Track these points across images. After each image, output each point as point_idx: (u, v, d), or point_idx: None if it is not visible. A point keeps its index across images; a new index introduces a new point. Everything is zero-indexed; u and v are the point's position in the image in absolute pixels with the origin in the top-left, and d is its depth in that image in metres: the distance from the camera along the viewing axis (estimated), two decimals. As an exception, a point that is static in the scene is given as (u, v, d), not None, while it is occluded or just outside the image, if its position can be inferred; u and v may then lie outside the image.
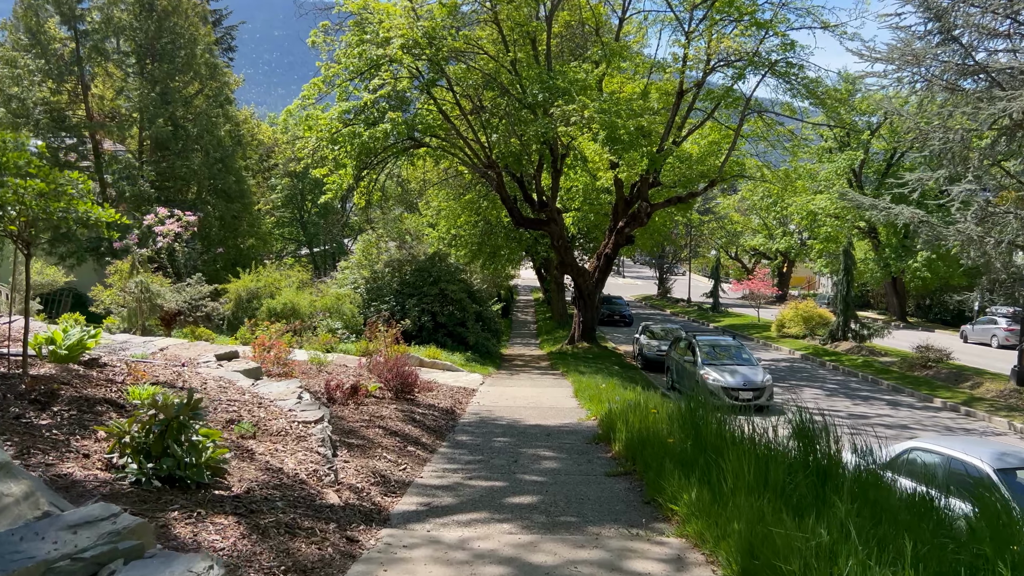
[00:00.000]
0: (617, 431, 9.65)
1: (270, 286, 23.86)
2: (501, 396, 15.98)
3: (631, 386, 22.26)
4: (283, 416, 7.88)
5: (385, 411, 10.93)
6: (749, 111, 28.79)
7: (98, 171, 27.85)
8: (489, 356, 26.07)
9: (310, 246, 57.34)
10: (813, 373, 29.51)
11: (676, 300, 60.79)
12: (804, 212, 48.85)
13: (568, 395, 16.45)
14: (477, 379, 19.09)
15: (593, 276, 30.54)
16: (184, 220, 24.31)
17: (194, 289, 14.87)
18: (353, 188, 28.52)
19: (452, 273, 26.68)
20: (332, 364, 17.66)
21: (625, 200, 31.05)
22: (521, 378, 20.93)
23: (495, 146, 28.70)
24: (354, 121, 26.62)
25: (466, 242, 37.38)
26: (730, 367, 22.61)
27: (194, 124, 27.64)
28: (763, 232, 61.09)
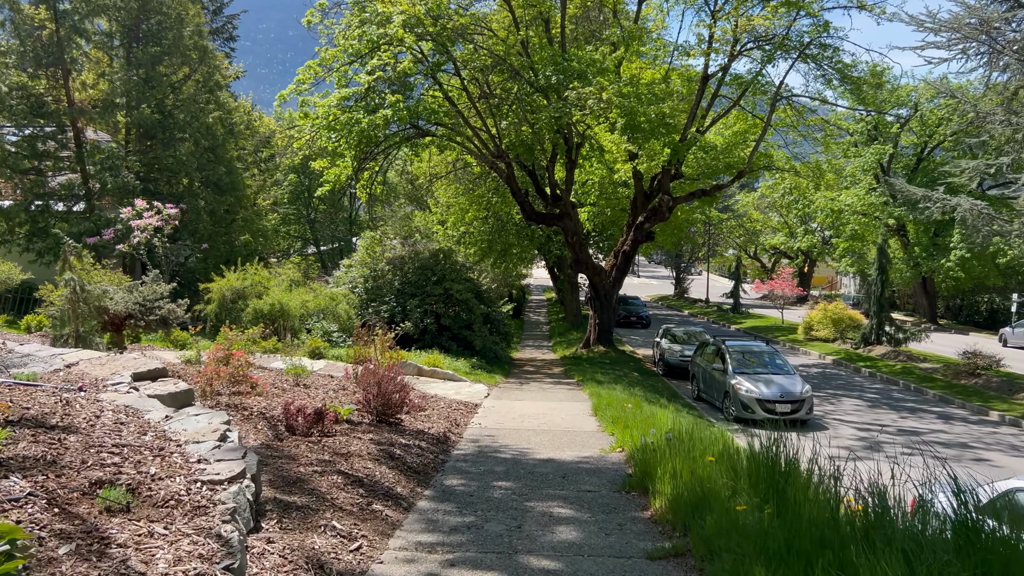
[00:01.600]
0: (657, 479, 7.11)
1: (257, 285, 21.43)
2: (507, 414, 13.45)
3: (655, 397, 19.70)
4: (184, 471, 5.39)
5: (356, 445, 8.43)
6: (780, 98, 26.15)
7: (80, 161, 25.53)
8: (497, 362, 23.55)
9: (317, 244, 55.07)
10: (849, 380, 26.81)
11: (694, 300, 58.02)
12: (829, 209, 46.08)
13: (586, 412, 13.90)
14: (481, 391, 16.58)
15: (610, 275, 27.98)
16: (165, 213, 21.95)
17: (148, 288, 12.42)
18: (353, 180, 26.09)
19: (458, 271, 24.19)
20: (315, 375, 15.20)
21: (644, 194, 28.50)
22: (532, 389, 18.40)
23: (505, 135, 26.18)
24: (354, 108, 24.19)
25: (476, 239, 34.92)
26: (764, 376, 20.01)
27: (182, 111, 25.26)
28: (783, 230, 58.29)
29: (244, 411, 9.23)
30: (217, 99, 26.36)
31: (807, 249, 55.56)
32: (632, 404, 13.36)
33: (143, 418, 6.63)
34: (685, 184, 30.14)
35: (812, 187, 49.53)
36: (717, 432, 9.09)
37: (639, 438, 9.16)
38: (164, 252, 22.17)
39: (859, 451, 17.61)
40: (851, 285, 61.26)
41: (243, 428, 8.35)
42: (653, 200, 28.31)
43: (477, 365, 20.98)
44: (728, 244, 62.63)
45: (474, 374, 19.46)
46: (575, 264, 28.20)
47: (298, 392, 11.94)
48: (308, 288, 22.56)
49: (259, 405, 9.86)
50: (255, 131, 32.10)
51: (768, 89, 27.34)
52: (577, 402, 15.58)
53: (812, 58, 26.34)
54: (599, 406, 13.90)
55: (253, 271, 21.83)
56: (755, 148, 26.43)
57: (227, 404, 9.37)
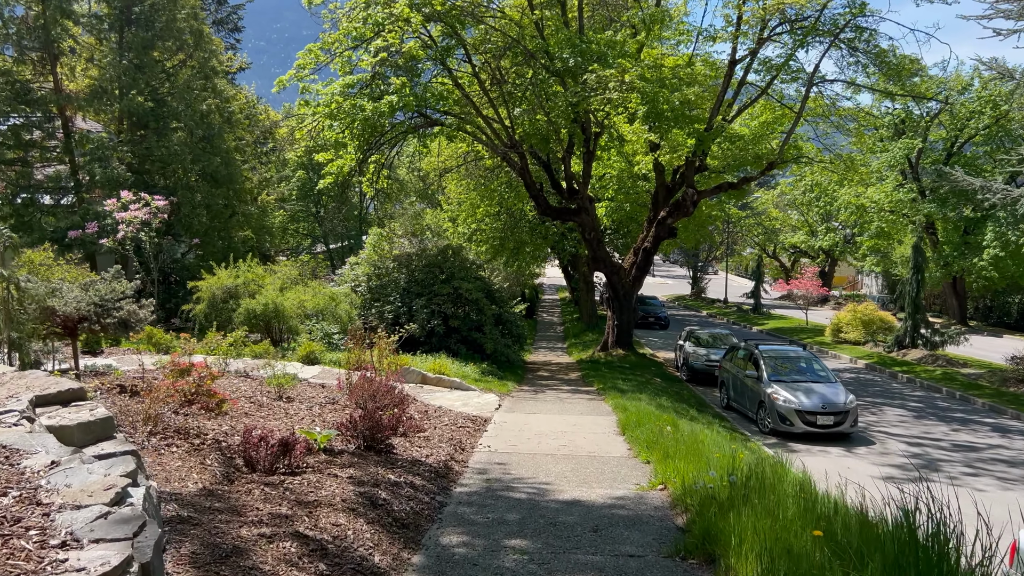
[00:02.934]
0: (731, 549, 5.11)
1: (251, 284, 19.57)
2: (522, 432, 11.49)
3: (683, 408, 17.68)
4: (28, 567, 3.47)
5: (330, 486, 6.50)
6: (816, 82, 24.06)
7: (68, 152, 23.75)
8: (510, 367, 21.58)
9: (326, 242, 53.27)
10: (886, 387, 24.68)
11: (712, 300, 55.81)
12: (853, 206, 43.85)
13: (612, 430, 11.92)
14: (492, 402, 14.63)
15: (630, 273, 25.95)
16: (153, 205, 20.13)
17: (106, 286, 10.54)
18: (357, 172, 24.18)
19: (468, 269, 22.24)
20: (303, 385, 13.29)
21: (666, 187, 26.46)
22: (548, 398, 16.42)
23: (519, 124, 24.20)
24: (358, 96, 22.30)
25: (487, 237, 32.97)
26: (803, 385, 17.97)
27: (176, 99, 23.43)
28: (803, 229, 56.03)
29: (196, 439, 7.32)
30: (214, 86, 24.51)
31: (828, 248, 53.31)
32: (667, 422, 11.35)
33: (18, 466, 4.70)
34: (709, 178, 28.11)
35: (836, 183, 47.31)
36: (796, 476, 7.06)
37: (689, 475, 7.19)
38: (152, 247, 20.36)
39: (914, 470, 15.57)
40: (873, 285, 58.93)
41: (184, 466, 6.44)
42: (676, 194, 26.28)
43: (488, 371, 19.03)
44: (746, 243, 60.36)
45: (484, 381, 17.52)
46: (592, 262, 26.22)
47: (276, 409, 10.03)
48: (306, 287, 20.68)
49: (219, 430, 7.95)
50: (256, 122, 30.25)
51: (799, 76, 25.30)
52: (600, 416, 13.59)
53: (847, 42, 24.29)
54: (627, 423, 11.91)
55: (246, 268, 19.98)
56: (787, 137, 24.39)
57: (175, 430, 7.46)
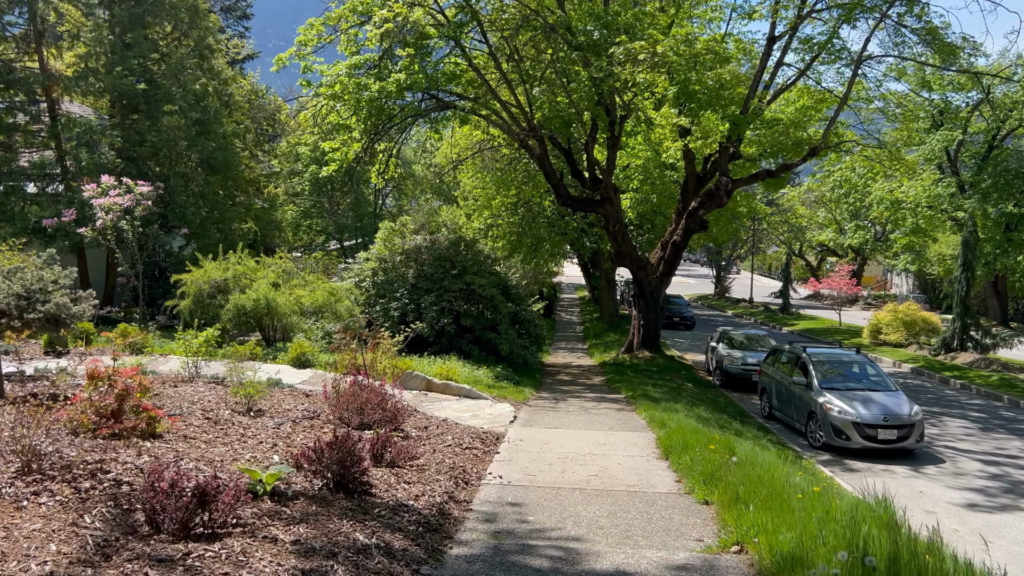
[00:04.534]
0: None
1: (241, 277, 17.48)
2: (541, 454, 9.27)
3: (724, 419, 15.38)
4: None
5: (260, 559, 4.31)
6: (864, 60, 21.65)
7: (54, 136, 21.79)
8: (527, 370, 19.36)
9: (340, 239, 51.27)
10: (939, 394, 22.23)
11: (736, 300, 53.21)
12: (887, 201, 41.20)
13: (651, 452, 9.66)
14: (506, 412, 12.42)
15: (657, 269, 23.64)
16: (137, 192, 18.09)
17: (33, 274, 8.45)
18: (363, 158, 22.06)
19: (481, 263, 20.04)
20: (283, 394, 11.13)
21: (697, 176, 24.15)
22: (570, 408, 14.16)
23: (538, 106, 22.00)
24: (364, 76, 20.20)
25: (504, 232, 30.76)
26: (861, 393, 15.61)
27: (168, 78, 21.39)
28: (832, 226, 53.37)
29: (88, 481, 5.16)
30: (211, 67, 22.46)
31: (858, 246, 50.64)
32: (720, 445, 9.07)
33: None
34: (742, 167, 25.75)
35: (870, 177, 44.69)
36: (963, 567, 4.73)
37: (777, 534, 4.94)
38: (135, 237, 18.32)
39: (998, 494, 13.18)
40: (903, 284, 56.15)
41: (46, 529, 4.28)
42: (708, 183, 23.96)
43: (502, 375, 16.82)
44: (771, 241, 57.71)
45: (498, 387, 15.29)
46: (616, 257, 23.94)
47: (234, 428, 7.87)
48: (304, 282, 18.58)
49: (133, 464, 5.78)
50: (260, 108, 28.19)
51: (841, 55, 22.89)
52: (634, 432, 11.33)
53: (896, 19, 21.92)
54: (669, 443, 9.65)
55: (236, 260, 17.88)
56: (832, 120, 22.04)
57: (64, 467, 5.31)
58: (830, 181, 50.19)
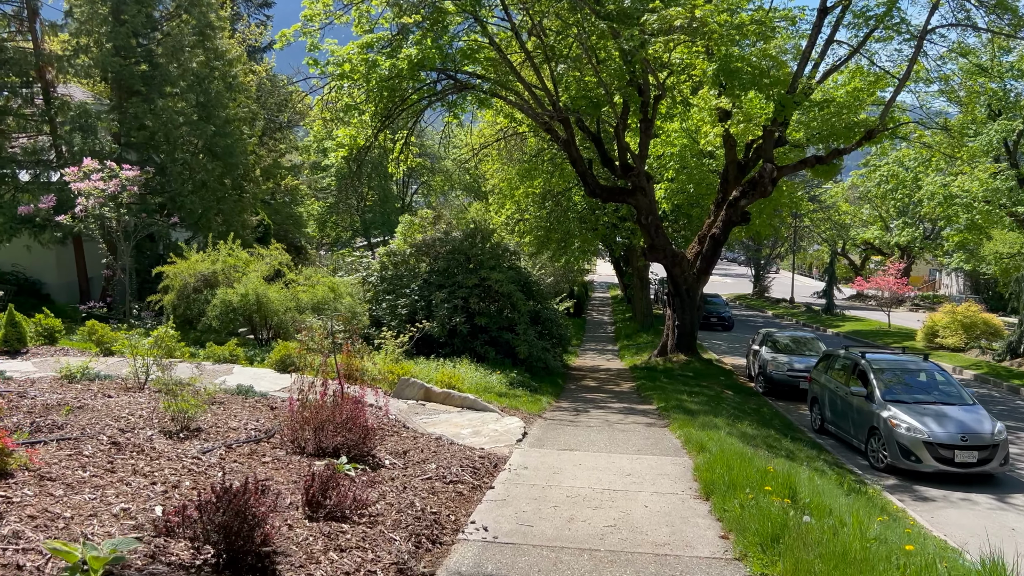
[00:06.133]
0: None
1: (230, 270, 15.65)
2: (547, 490, 7.18)
3: (773, 436, 13.12)
4: None
5: None
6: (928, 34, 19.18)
7: (48, 119, 20.22)
8: (548, 375, 17.25)
9: (367, 235, 49.69)
10: (1010, 405, 19.67)
11: (776, 300, 50.37)
12: (940, 196, 38.24)
13: (688, 488, 7.52)
14: (514, 429, 10.35)
15: (694, 265, 21.37)
16: (122, 176, 16.35)
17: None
18: (372, 144, 20.15)
19: (498, 256, 17.98)
20: (239, 407, 9.18)
21: (738, 164, 21.82)
22: (592, 423, 12.02)
23: (563, 86, 19.89)
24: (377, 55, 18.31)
25: (531, 227, 28.71)
26: (932, 408, 13.24)
27: (166, 57, 19.65)
28: (877, 224, 50.35)
29: None
30: (216, 48, 20.68)
31: (905, 244, 47.57)
32: (780, 484, 6.90)
33: None
34: (787, 154, 23.35)
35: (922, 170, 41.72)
36: None
37: None
38: (120, 226, 16.58)
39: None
40: (953, 284, 52.84)
41: None
42: (750, 172, 21.63)
43: (518, 381, 14.72)
44: (813, 239, 54.73)
45: (511, 396, 13.21)
46: (649, 251, 21.71)
47: (137, 460, 5.91)
48: (302, 275, 16.72)
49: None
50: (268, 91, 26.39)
51: (901, 28, 20.42)
52: (666, 456, 9.18)
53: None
54: (711, 476, 7.49)
55: (227, 252, 16.05)
56: (892, 99, 19.63)
57: None
58: (876, 176, 47.18)
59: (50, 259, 21.63)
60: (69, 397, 8.32)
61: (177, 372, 11.55)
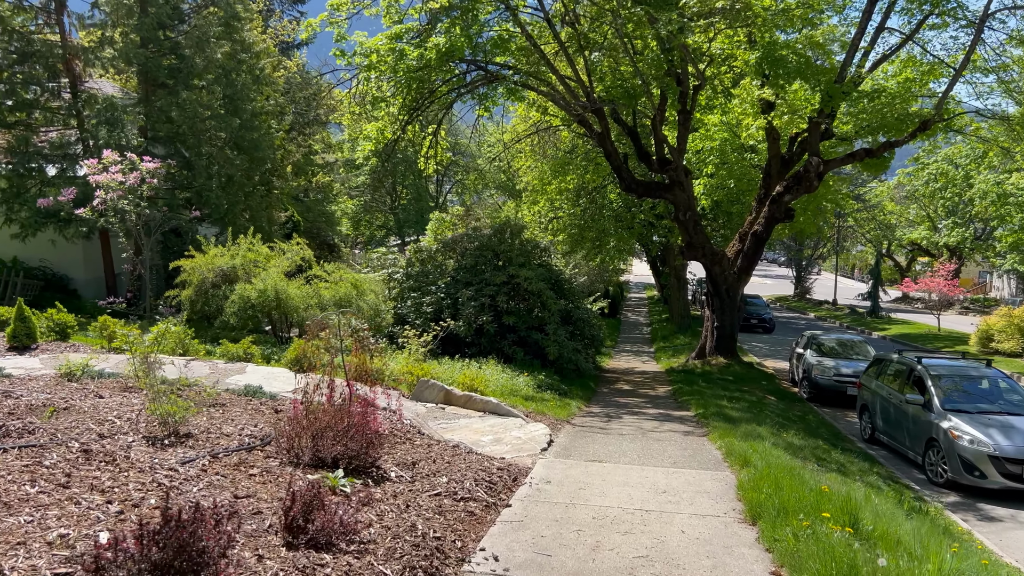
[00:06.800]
0: None
1: (250, 265, 15.05)
2: (570, 510, 6.34)
3: (821, 446, 12.09)
4: None
5: None
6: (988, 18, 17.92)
7: (75, 112, 19.89)
8: (579, 377, 16.38)
9: (400, 234, 49.25)
10: (1076, 415, 18.21)
11: (818, 302, 48.74)
12: (993, 195, 36.53)
13: (730, 507, 6.61)
14: (539, 436, 9.51)
15: (734, 263, 20.33)
16: (143, 169, 15.87)
17: None
18: (400, 138, 19.49)
19: (528, 253, 17.15)
20: (240, 408, 8.49)
21: (782, 158, 20.73)
22: (625, 431, 11.12)
23: (598, 76, 19.01)
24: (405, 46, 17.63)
25: (565, 225, 27.82)
26: (998, 418, 12.12)
27: (191, 48, 19.19)
28: (924, 224, 48.46)
29: None
30: (241, 38, 20.19)
31: (954, 245, 45.70)
32: (839, 509, 5.97)
33: None
34: (832, 148, 22.16)
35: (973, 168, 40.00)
36: None
37: None
38: (140, 219, 16.10)
39: None
40: (1004, 287, 50.68)
41: None
42: (794, 166, 20.53)
43: (546, 383, 13.88)
44: (856, 239, 52.91)
45: (538, 399, 12.37)
46: (687, 249, 20.70)
47: (102, 472, 5.22)
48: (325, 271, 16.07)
49: None
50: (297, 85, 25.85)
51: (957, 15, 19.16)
52: (706, 470, 8.27)
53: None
54: (758, 496, 6.58)
55: (247, 246, 15.47)
56: (948, 88, 18.36)
57: None
58: (924, 174, 45.53)
59: (77, 254, 21.33)
60: (58, 397, 7.70)
61: (189, 371, 10.96)
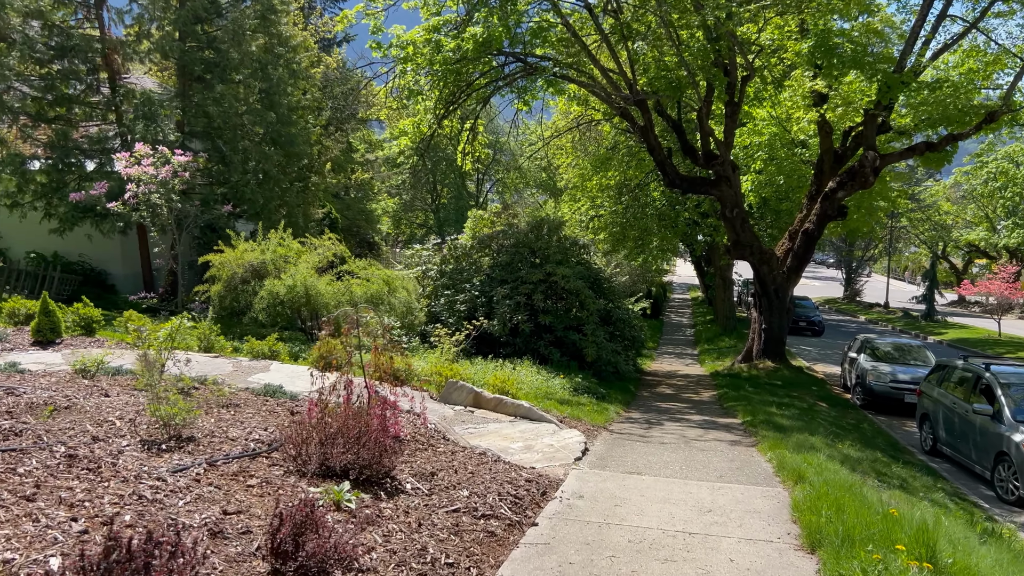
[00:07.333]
0: None
1: (280, 260, 14.64)
2: (603, 532, 5.66)
3: (881, 459, 11.18)
4: None
5: None
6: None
7: (114, 107, 19.78)
8: (618, 379, 15.63)
9: (440, 232, 48.84)
10: None
11: (869, 305, 47.04)
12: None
13: (784, 530, 5.86)
14: (573, 444, 8.83)
15: (784, 263, 19.36)
16: (174, 162, 15.59)
17: None
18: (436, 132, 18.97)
19: (566, 250, 16.46)
20: (254, 409, 7.98)
21: (834, 153, 19.71)
22: (667, 439, 10.36)
23: (641, 68, 18.22)
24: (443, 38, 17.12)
25: (606, 223, 27.05)
26: (1081, 434, 11.05)
27: (227, 42, 18.91)
28: (983, 224, 46.43)
29: None
30: (277, 31, 19.85)
31: (1015, 246, 43.65)
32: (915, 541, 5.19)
33: None
34: (891, 142, 21.03)
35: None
36: None
37: None
38: (171, 214, 15.80)
39: None
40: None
41: None
42: (847, 161, 19.49)
43: (583, 386, 13.18)
44: (910, 240, 50.98)
45: (573, 403, 11.68)
46: (733, 248, 19.77)
47: (79, 481, 4.71)
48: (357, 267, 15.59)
49: None
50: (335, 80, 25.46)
51: (1021, 4, 17.98)
52: (756, 486, 7.50)
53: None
54: (817, 520, 5.82)
55: (278, 240, 15.07)
56: (1017, 77, 17.12)
57: None
58: (983, 173, 43.65)
59: (115, 249, 21.26)
60: (62, 395, 7.26)
61: (211, 368, 10.54)
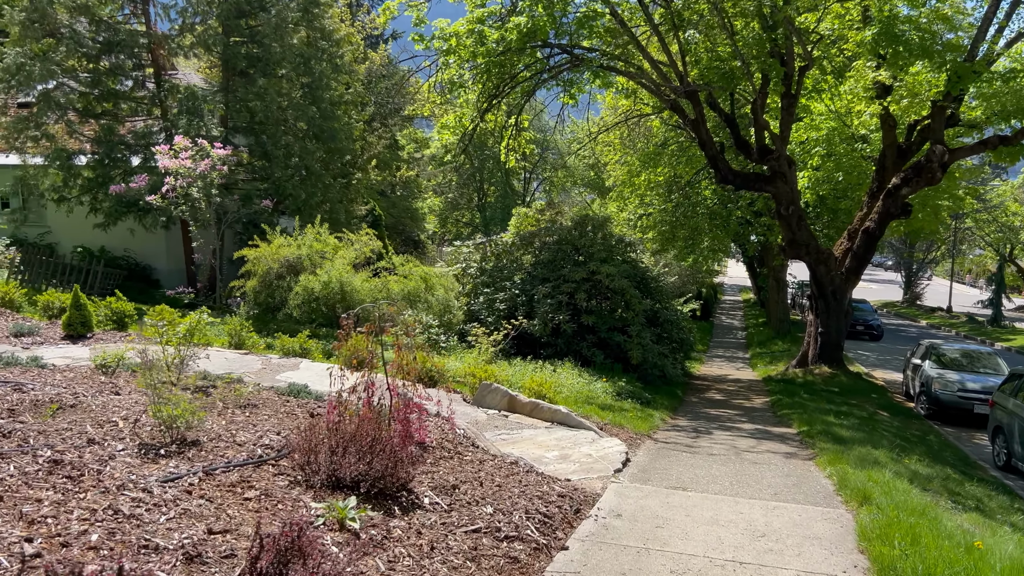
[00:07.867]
0: None
1: (316, 256, 14.26)
2: (643, 558, 5.01)
3: (953, 475, 10.23)
4: None
5: None
6: None
7: (159, 102, 19.72)
8: (666, 384, 14.86)
9: (486, 231, 48.45)
10: None
11: (931, 309, 45.04)
12: None
13: (850, 562, 5.12)
14: (613, 453, 8.17)
15: (842, 263, 18.32)
16: (214, 156, 15.35)
17: None
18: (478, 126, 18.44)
19: (611, 248, 15.73)
20: (271, 411, 7.49)
21: (898, 148, 18.59)
22: (716, 450, 9.60)
23: (692, 58, 17.41)
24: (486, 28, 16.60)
25: (655, 222, 26.21)
26: None
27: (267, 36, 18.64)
28: (1055, 226, 44.05)
29: None
30: (320, 25, 19.55)
31: (1090, 250, 41.32)
32: None
33: None
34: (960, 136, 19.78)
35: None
36: None
37: None
38: (210, 208, 15.57)
39: None
40: None
41: None
42: (913, 156, 18.36)
43: (627, 391, 12.46)
44: (975, 242, 48.67)
45: (616, 409, 10.98)
46: (788, 247, 18.78)
47: (66, 489, 4.22)
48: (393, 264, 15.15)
49: None
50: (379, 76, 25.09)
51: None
52: (815, 506, 6.73)
53: None
54: (889, 551, 5.07)
55: (314, 235, 14.70)
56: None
57: None
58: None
59: (160, 244, 21.25)
60: (70, 393, 6.89)
61: (239, 366, 10.16)
